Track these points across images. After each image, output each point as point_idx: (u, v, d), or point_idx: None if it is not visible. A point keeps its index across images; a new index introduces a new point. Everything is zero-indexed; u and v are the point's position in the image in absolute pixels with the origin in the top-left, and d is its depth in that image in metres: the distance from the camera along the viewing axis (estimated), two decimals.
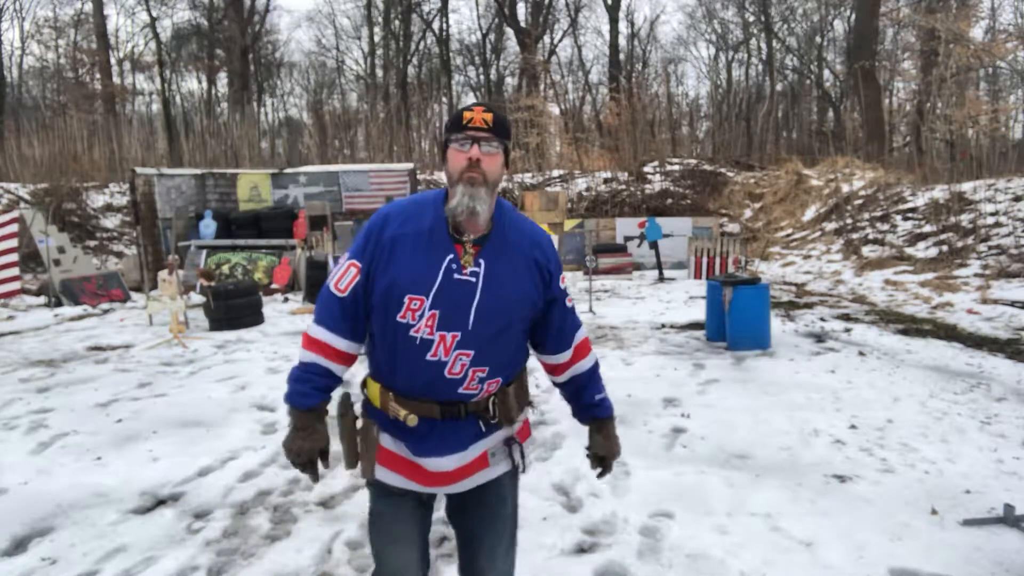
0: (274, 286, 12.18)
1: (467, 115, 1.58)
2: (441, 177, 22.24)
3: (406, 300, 1.57)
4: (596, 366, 1.87)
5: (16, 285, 11.00)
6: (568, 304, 1.80)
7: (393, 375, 1.65)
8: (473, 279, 1.60)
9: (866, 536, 2.96)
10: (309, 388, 1.67)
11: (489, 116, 1.58)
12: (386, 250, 1.61)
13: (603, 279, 13.39)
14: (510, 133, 1.65)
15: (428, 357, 1.59)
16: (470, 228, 1.60)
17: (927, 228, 13.22)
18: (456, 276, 1.59)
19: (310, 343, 1.69)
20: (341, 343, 1.68)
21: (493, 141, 1.58)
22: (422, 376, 1.61)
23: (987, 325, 7.78)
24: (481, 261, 1.61)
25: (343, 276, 1.67)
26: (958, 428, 4.34)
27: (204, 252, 12.84)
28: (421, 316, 1.57)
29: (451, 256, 1.60)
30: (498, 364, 1.66)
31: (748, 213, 18.46)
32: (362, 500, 3.38)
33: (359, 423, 1.75)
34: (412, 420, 1.63)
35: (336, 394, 1.76)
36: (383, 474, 1.71)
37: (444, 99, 32.71)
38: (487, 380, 1.65)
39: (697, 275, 13.17)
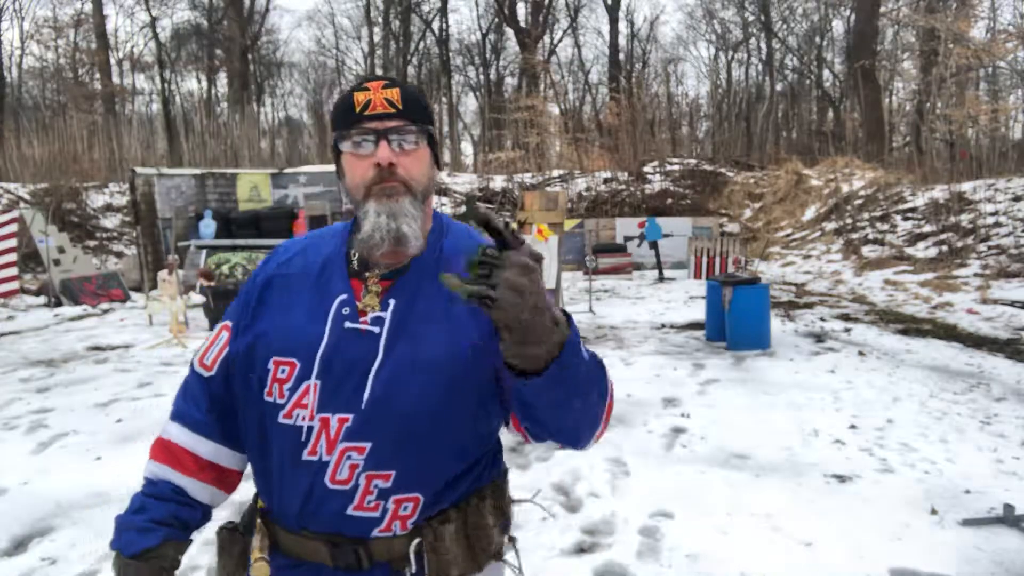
0: None
1: (360, 97, 1.03)
2: (439, 176, 22.17)
3: (271, 367, 1.04)
4: None
5: (15, 285, 11.00)
6: None
7: (268, 488, 1.08)
8: (375, 329, 1.03)
9: (866, 536, 2.96)
10: (144, 520, 1.08)
11: (395, 92, 1.04)
12: (254, 296, 1.11)
13: (603, 279, 13.39)
14: (431, 114, 1.12)
15: (305, 456, 1.01)
16: (392, 261, 1.07)
17: (927, 228, 13.22)
18: (348, 326, 1.03)
19: (158, 448, 1.15)
20: (205, 447, 1.13)
21: (409, 131, 1.03)
22: (297, 487, 1.02)
23: (987, 325, 7.78)
24: (390, 302, 1.04)
25: (212, 345, 1.15)
26: (958, 428, 4.34)
27: (204, 252, 12.84)
28: (293, 390, 1.02)
29: (343, 297, 1.05)
30: (416, 471, 1.03)
31: (748, 213, 18.47)
32: None
33: (254, 564, 1.08)
34: (260, 572, 1.05)
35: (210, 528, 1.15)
36: None
37: (444, 99, 32.73)
38: (393, 496, 1.02)
39: (697, 275, 13.18)
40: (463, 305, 0.92)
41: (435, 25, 33.53)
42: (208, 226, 13.24)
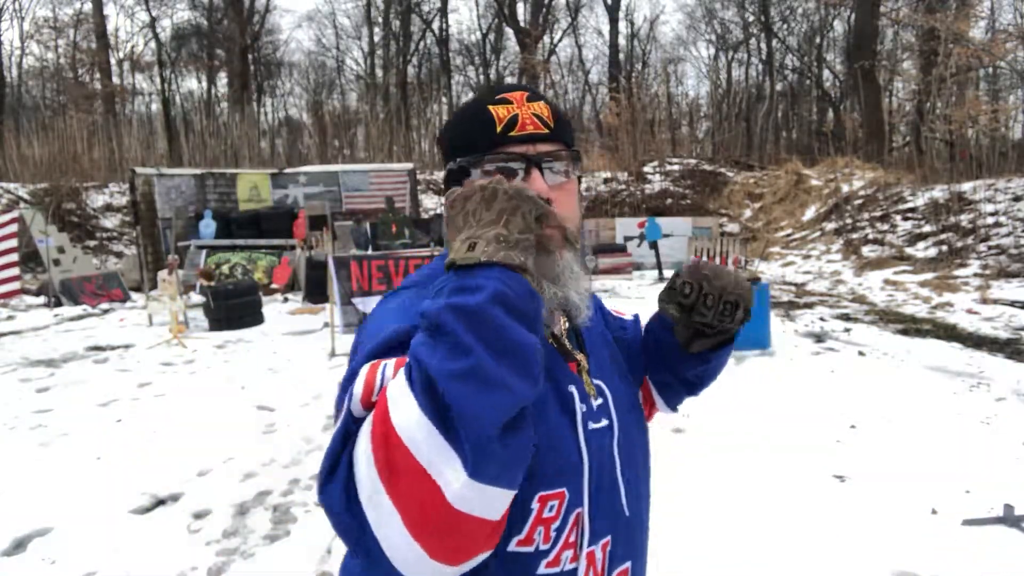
0: (274, 286, 12.18)
1: (501, 112, 0.79)
2: (440, 176, 22.12)
3: (535, 506, 0.76)
4: None
5: (16, 285, 10.99)
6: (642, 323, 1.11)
7: None
8: (605, 423, 0.85)
9: (866, 536, 2.96)
10: None
11: (544, 107, 0.81)
12: None
13: (603, 279, 13.39)
14: (573, 133, 0.88)
15: None
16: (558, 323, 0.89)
17: (927, 228, 13.22)
18: (592, 427, 0.83)
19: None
20: None
21: (562, 157, 0.80)
22: None
23: (987, 325, 7.78)
24: (600, 385, 0.87)
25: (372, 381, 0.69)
26: (958, 428, 4.34)
27: (204, 252, 12.84)
28: (561, 530, 0.78)
29: (573, 388, 0.82)
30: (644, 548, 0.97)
31: (748, 213, 18.46)
32: None
33: None
34: None
35: None
36: None
37: (444, 99, 32.73)
38: None
39: None
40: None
41: (435, 25, 33.53)
42: (208, 226, 13.24)
